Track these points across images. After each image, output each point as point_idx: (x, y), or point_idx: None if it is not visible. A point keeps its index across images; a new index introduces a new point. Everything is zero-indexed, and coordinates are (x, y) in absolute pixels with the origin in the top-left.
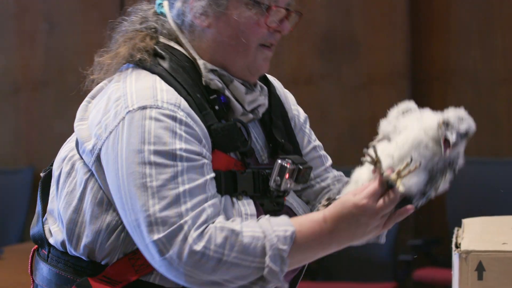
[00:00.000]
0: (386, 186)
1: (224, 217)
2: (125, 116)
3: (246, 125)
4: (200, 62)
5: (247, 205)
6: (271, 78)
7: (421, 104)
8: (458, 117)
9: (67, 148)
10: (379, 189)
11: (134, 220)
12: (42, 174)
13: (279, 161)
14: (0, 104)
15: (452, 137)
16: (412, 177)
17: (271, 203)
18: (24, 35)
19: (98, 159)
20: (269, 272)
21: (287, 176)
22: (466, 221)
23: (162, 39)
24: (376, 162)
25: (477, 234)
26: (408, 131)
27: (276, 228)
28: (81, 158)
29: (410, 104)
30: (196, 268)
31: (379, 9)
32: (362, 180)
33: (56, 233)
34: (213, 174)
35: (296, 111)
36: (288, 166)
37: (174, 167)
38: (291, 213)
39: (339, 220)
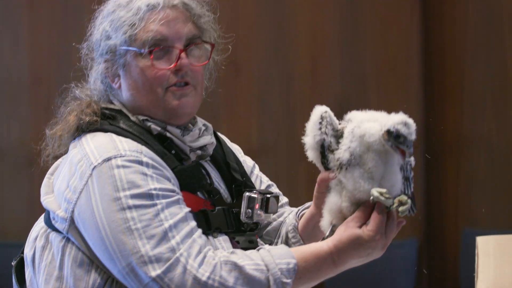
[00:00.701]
0: (386, 214)
1: (225, 249)
2: (92, 173)
3: (204, 166)
4: (133, 118)
5: (223, 242)
6: (219, 134)
7: (435, 173)
8: (403, 123)
9: (37, 228)
10: (383, 220)
11: (126, 265)
12: (13, 263)
13: (247, 193)
14: (15, 176)
15: (409, 150)
16: (393, 181)
17: (245, 241)
18: (39, 106)
19: (72, 222)
20: None
21: (256, 206)
22: (480, 241)
23: (104, 104)
24: (384, 198)
25: (490, 280)
26: (366, 154)
27: (278, 261)
28: (54, 230)
29: (321, 110)
30: None
31: (393, 78)
32: (338, 207)
33: None
34: (189, 209)
35: (243, 158)
36: (256, 196)
37: (154, 206)
38: None
39: (349, 257)
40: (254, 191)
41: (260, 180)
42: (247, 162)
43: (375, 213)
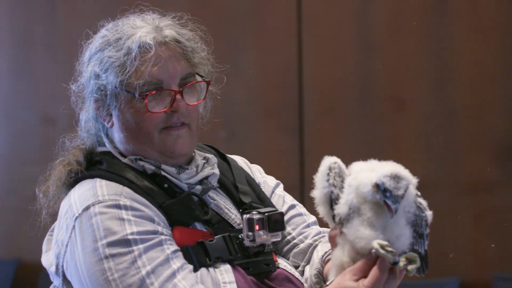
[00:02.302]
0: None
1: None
2: (75, 224)
3: (199, 196)
4: (125, 160)
5: (224, 273)
6: (233, 156)
7: None
8: (391, 176)
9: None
10: (382, 278)
11: None
12: None
13: (245, 216)
14: None
15: (393, 206)
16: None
17: (259, 265)
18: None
19: (64, 276)
20: None
21: (257, 227)
22: None
23: (93, 149)
24: (385, 251)
25: None
26: (364, 205)
27: None
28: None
29: (330, 161)
30: None
31: None
32: (339, 261)
33: None
34: (175, 248)
35: (264, 178)
36: (254, 217)
37: (130, 253)
38: (286, 274)
39: None
40: (254, 212)
41: (283, 200)
42: (268, 182)
43: (376, 268)
